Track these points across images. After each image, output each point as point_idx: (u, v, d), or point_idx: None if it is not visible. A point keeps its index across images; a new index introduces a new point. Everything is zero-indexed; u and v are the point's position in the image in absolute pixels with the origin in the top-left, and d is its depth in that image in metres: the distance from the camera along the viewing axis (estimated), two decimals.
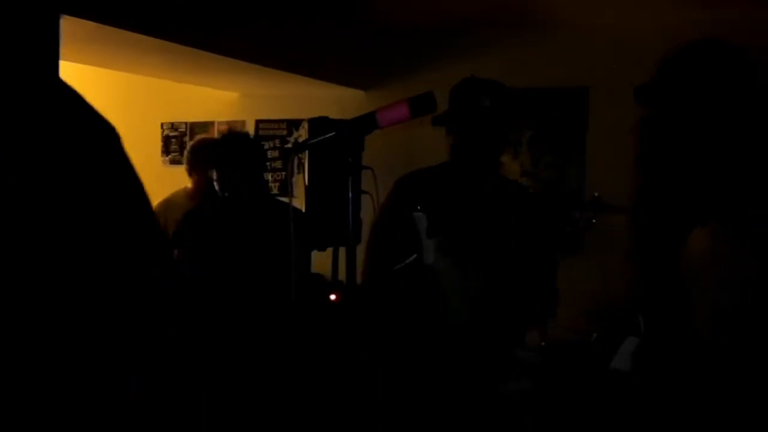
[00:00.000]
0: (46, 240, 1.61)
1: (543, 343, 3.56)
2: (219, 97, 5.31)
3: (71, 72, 3.65)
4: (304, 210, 1.70)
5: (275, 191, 5.13)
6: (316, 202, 1.73)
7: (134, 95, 5.52)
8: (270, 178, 5.14)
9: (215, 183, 3.30)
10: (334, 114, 4.89)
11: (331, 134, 1.50)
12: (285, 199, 3.89)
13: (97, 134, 1.69)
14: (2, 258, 1.56)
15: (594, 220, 3.61)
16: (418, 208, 1.90)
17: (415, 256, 1.93)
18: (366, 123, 1.52)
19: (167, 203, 4.00)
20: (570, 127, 4.36)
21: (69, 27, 2.81)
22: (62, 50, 2.74)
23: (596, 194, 3.66)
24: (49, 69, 2.41)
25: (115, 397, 1.83)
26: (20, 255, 1.58)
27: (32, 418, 1.67)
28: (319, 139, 1.51)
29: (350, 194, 1.51)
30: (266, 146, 5.20)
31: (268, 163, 5.15)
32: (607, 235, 4.07)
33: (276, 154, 5.15)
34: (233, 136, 3.49)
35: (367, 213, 3.23)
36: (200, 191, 3.94)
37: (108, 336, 1.78)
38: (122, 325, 1.80)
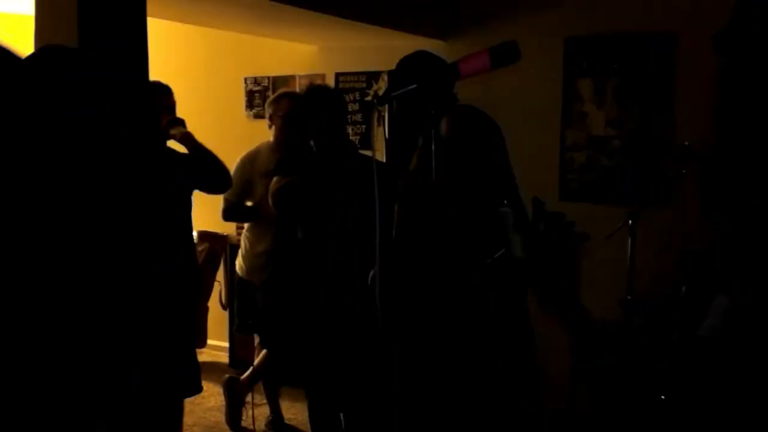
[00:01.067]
0: (51, 234, 1.65)
1: (628, 297, 3.51)
2: (299, 50, 5.33)
3: (156, 28, 3.73)
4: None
5: (356, 144, 5.15)
6: (398, 155, 1.73)
7: (216, 50, 5.61)
8: (351, 131, 5.17)
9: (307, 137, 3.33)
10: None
11: (413, 87, 1.49)
12: (367, 153, 3.92)
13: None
14: (10, 252, 1.61)
15: (684, 171, 3.50)
16: (505, 202, 1.85)
17: (503, 250, 1.89)
18: (447, 73, 1.49)
19: (251, 157, 4.08)
20: (657, 74, 4.19)
21: None
22: (148, 6, 2.80)
23: (686, 143, 3.54)
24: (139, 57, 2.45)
25: (117, 392, 1.85)
26: (26, 250, 1.63)
27: (34, 411, 1.71)
28: (401, 91, 1.50)
29: (432, 146, 1.50)
30: (347, 99, 5.21)
31: (348, 116, 5.17)
32: (698, 185, 3.94)
33: (356, 107, 5.16)
34: (318, 89, 3.50)
35: None
36: (283, 144, 3.99)
37: (111, 331, 1.79)
38: (125, 321, 1.81)
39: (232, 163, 4.15)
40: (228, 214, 4.16)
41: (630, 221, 3.51)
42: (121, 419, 1.92)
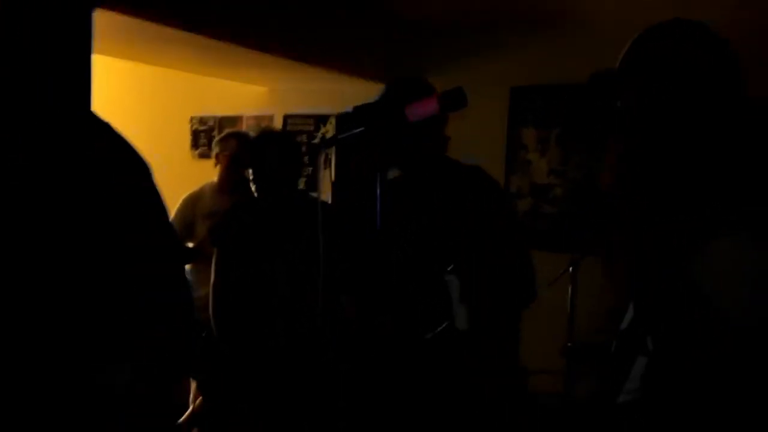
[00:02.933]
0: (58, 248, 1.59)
1: (569, 344, 3.55)
2: (247, 91, 5.33)
3: (103, 65, 3.69)
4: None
5: (302, 186, 5.14)
6: (343, 198, 1.72)
7: (164, 89, 5.57)
8: None
9: (251, 181, 3.31)
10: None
11: (360, 129, 1.49)
12: (314, 194, 3.91)
13: (127, 166, 1.64)
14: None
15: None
16: (449, 270, 1.82)
17: (446, 323, 1.83)
18: (394, 118, 1.49)
19: (194, 197, 4.03)
20: (599, 124, 4.30)
21: (101, 20, 2.83)
22: (94, 44, 2.77)
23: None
24: (82, 94, 2.42)
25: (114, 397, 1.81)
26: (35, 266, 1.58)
27: (30, 415, 1.66)
28: (348, 134, 1.50)
29: (377, 189, 1.49)
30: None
31: None
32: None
33: (303, 149, 5.16)
34: (273, 134, 3.49)
35: None
36: (227, 185, 3.96)
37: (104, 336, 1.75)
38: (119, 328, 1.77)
39: (175, 203, 4.10)
40: None
41: (571, 268, 3.56)
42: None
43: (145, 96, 5.63)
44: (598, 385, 2.95)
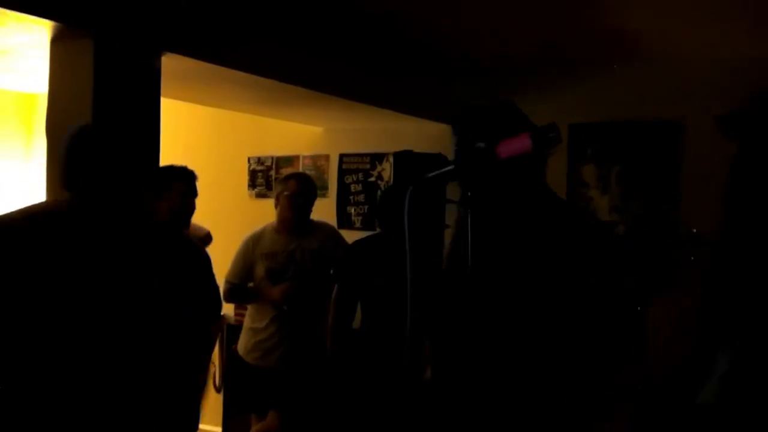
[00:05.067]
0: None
1: (639, 387, 3.42)
2: (303, 131, 5.37)
3: (163, 108, 3.76)
4: None
5: (358, 225, 5.14)
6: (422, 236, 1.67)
7: (221, 130, 5.64)
8: (353, 210, 5.16)
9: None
10: (418, 148, 4.91)
11: (450, 168, 1.45)
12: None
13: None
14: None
15: (693, 257, 3.47)
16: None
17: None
18: (485, 156, 1.45)
19: (255, 238, 4.05)
20: (663, 161, 4.21)
21: (166, 64, 2.88)
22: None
23: (694, 230, 3.53)
24: (152, 138, 2.54)
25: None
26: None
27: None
28: (439, 172, 1.46)
29: (468, 229, 1.44)
30: (349, 179, 5.23)
31: (351, 197, 5.18)
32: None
33: (359, 188, 5.17)
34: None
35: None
36: (288, 225, 3.96)
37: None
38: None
39: (232, 242, 4.12)
40: (230, 297, 4.09)
41: (638, 308, 3.46)
42: None
43: (204, 137, 5.72)
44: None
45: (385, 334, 3.06)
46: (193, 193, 3.42)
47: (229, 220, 5.25)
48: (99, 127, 2.34)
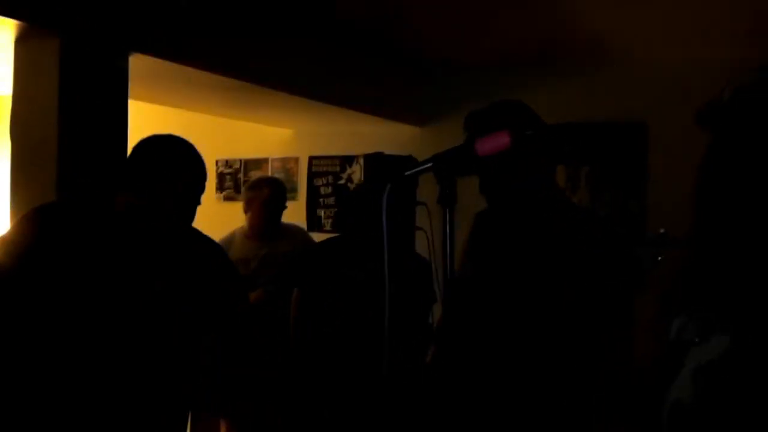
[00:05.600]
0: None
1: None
2: (273, 134, 5.34)
3: (133, 110, 3.71)
4: None
5: (327, 227, 5.12)
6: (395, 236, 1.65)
7: (191, 132, 5.53)
8: (323, 213, 5.14)
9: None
10: (388, 150, 4.88)
11: (428, 165, 1.43)
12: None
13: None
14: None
15: (660, 258, 3.51)
16: None
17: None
18: (462, 153, 1.43)
19: (225, 244, 3.99)
20: (629, 162, 4.27)
21: (134, 64, 2.84)
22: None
23: (662, 230, 3.56)
24: (119, 139, 2.51)
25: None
26: None
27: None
28: (418, 169, 1.45)
29: (446, 227, 1.43)
30: (319, 182, 5.21)
31: (321, 200, 5.16)
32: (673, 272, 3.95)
33: (329, 190, 5.15)
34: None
35: (421, 248, 3.18)
36: (259, 232, 3.92)
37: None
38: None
39: None
40: None
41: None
42: None
43: None
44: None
45: (363, 332, 3.03)
46: None
47: (196, 222, 5.20)
48: (65, 130, 2.30)
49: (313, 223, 5.14)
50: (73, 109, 2.40)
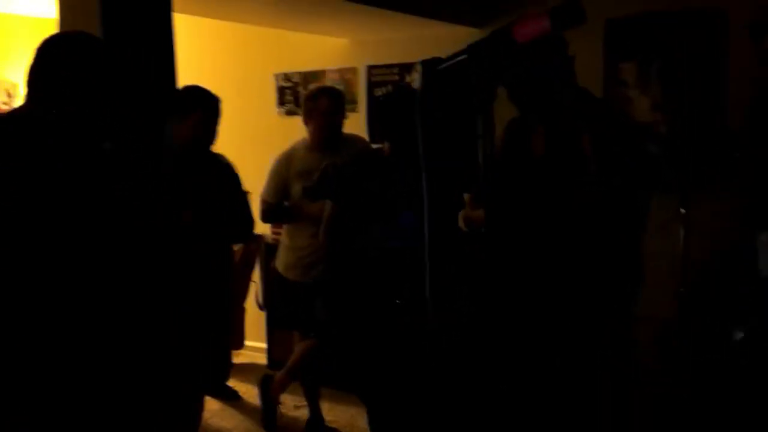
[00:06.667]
0: None
1: (682, 289, 3.34)
2: (329, 44, 5.22)
3: (185, 24, 3.65)
4: None
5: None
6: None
7: (245, 46, 5.51)
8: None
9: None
10: (447, 55, 4.68)
11: (462, 56, 1.32)
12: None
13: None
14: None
15: (738, 155, 3.31)
16: None
17: None
18: (500, 40, 1.30)
19: (287, 157, 3.99)
20: (706, 54, 3.99)
21: None
22: (175, 2, 2.70)
23: (741, 127, 3.35)
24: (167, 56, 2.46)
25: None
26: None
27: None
28: (448, 63, 1.33)
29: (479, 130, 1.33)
30: (379, 92, 5.10)
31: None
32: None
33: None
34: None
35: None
36: (321, 143, 3.89)
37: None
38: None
39: (264, 162, 4.07)
40: (267, 216, 4.09)
41: (682, 210, 3.34)
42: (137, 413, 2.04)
43: (228, 54, 5.60)
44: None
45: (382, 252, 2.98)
46: (214, 120, 3.35)
47: (258, 139, 5.19)
48: (110, 47, 2.25)
49: (375, 133, 5.05)
50: (116, 26, 2.35)
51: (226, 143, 3.58)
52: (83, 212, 1.81)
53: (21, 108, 1.98)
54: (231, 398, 4.76)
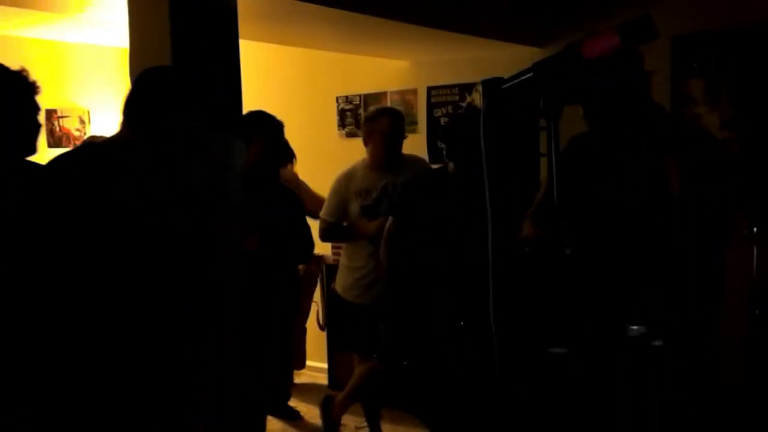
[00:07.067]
0: None
1: (756, 311, 3.22)
2: (390, 66, 5.26)
3: (251, 51, 3.73)
4: None
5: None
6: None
7: (308, 70, 5.59)
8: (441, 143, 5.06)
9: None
10: (508, 75, 4.65)
11: (528, 75, 1.31)
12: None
13: None
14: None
15: None
16: None
17: None
18: (569, 56, 1.28)
19: (347, 177, 4.01)
20: None
21: (245, 3, 2.82)
22: (241, 30, 2.77)
23: None
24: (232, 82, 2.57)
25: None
26: None
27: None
28: (513, 81, 1.32)
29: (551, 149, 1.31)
30: (439, 113, 5.11)
31: (441, 130, 5.06)
32: None
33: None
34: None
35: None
36: (381, 163, 3.91)
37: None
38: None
39: (325, 183, 4.11)
40: (325, 235, 4.11)
41: (754, 228, 3.24)
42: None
43: (292, 78, 5.69)
44: None
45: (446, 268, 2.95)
46: (278, 145, 3.42)
47: (321, 160, 5.25)
48: (180, 72, 2.32)
49: (435, 154, 5.05)
50: (186, 54, 2.41)
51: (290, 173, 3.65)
52: (179, 230, 1.96)
53: (121, 135, 2.18)
54: (292, 418, 4.78)
